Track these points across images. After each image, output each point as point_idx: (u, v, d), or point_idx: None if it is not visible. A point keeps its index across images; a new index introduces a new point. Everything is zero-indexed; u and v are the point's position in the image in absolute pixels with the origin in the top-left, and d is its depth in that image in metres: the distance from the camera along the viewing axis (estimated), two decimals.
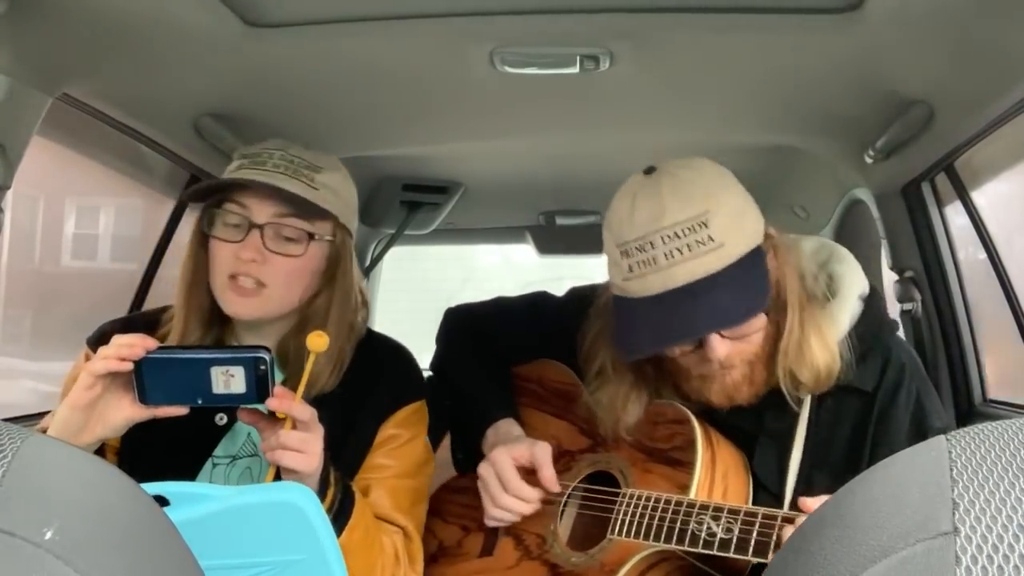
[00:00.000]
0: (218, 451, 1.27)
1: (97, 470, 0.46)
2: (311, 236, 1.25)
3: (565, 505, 1.33)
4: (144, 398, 1.07)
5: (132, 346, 1.06)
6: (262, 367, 1.07)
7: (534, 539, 1.33)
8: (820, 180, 2.07)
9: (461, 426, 1.47)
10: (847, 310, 1.23)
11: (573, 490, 1.33)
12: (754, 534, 1.06)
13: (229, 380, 1.07)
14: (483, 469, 1.32)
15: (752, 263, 1.14)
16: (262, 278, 1.22)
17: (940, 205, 1.79)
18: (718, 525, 1.09)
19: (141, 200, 2.44)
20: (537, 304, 1.51)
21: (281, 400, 1.09)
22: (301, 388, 1.12)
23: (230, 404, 1.11)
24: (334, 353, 1.26)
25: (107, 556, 0.41)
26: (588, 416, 1.35)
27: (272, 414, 1.12)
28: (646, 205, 1.15)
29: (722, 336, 1.14)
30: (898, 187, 1.79)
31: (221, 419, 1.27)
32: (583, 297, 1.38)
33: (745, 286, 1.13)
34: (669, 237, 1.12)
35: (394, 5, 1.22)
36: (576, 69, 1.33)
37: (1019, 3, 1.06)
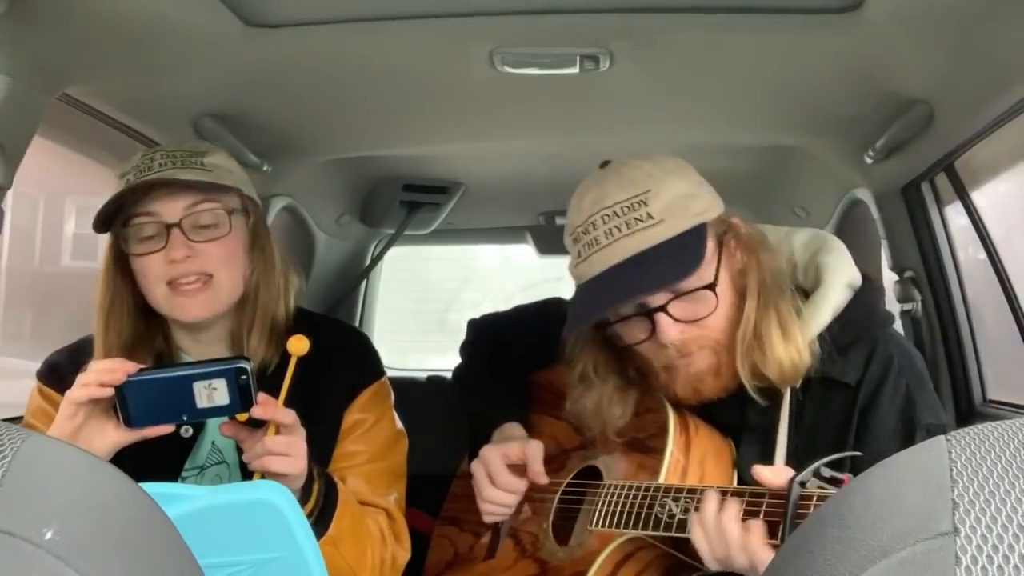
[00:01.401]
0: (186, 464, 1.26)
1: (97, 470, 0.46)
2: (231, 211, 1.25)
3: (560, 502, 1.34)
4: (129, 421, 1.07)
5: (113, 371, 1.05)
6: (243, 376, 1.07)
7: (529, 538, 1.35)
8: (820, 180, 2.07)
9: (474, 433, 1.48)
10: (829, 300, 1.21)
11: (567, 487, 1.34)
12: None
13: (212, 393, 1.07)
14: (473, 466, 1.33)
15: (691, 238, 1.14)
16: (204, 270, 1.22)
17: (940, 205, 1.79)
18: (677, 506, 1.09)
19: None
20: (548, 310, 1.51)
21: (265, 407, 1.09)
22: (283, 392, 1.12)
23: (214, 417, 1.12)
24: (266, 326, 1.26)
25: (107, 556, 0.41)
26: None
27: (252, 422, 1.12)
28: (592, 191, 1.18)
29: (673, 318, 1.14)
30: (898, 187, 1.79)
31: (187, 431, 1.26)
32: None
33: (678, 255, 1.13)
34: (609, 216, 1.14)
35: (394, 5, 1.22)
36: (576, 69, 1.34)
37: (1019, 4, 1.06)
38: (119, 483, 0.46)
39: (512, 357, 1.50)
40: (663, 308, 1.14)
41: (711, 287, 1.15)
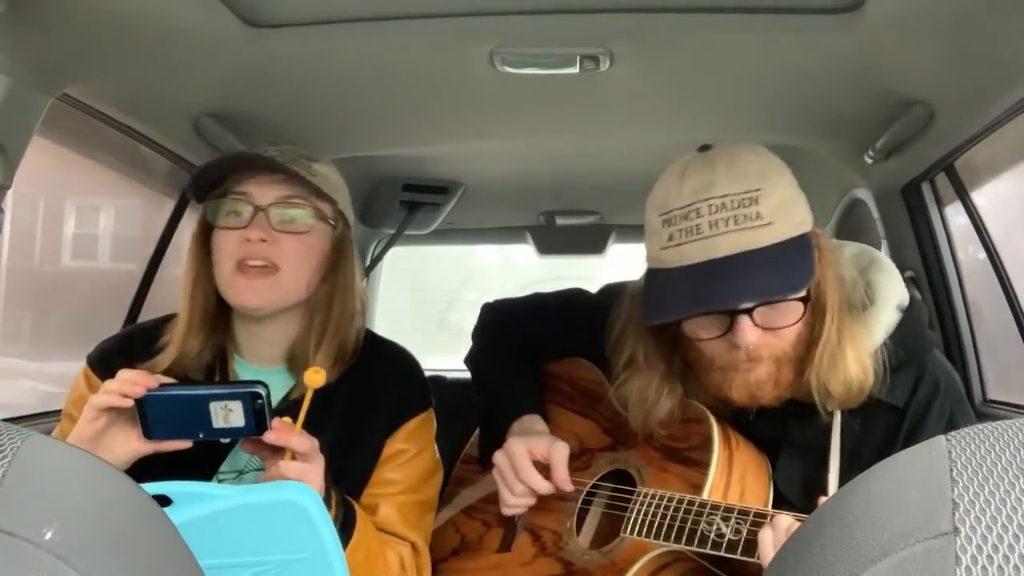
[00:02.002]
0: (223, 467, 1.26)
1: (97, 470, 0.46)
2: (320, 215, 1.25)
3: (582, 503, 1.33)
4: (148, 433, 1.10)
5: (134, 383, 1.08)
6: (259, 401, 1.09)
7: (550, 536, 1.33)
8: (820, 180, 2.07)
9: (489, 421, 1.46)
10: (883, 320, 1.19)
11: (591, 488, 1.33)
12: None
13: (228, 414, 1.09)
14: (498, 457, 1.31)
15: (800, 246, 1.11)
16: (273, 259, 1.21)
17: (940, 205, 1.79)
18: (727, 526, 1.07)
19: (141, 200, 2.44)
20: (571, 301, 1.49)
21: (279, 433, 1.10)
22: (300, 420, 1.13)
23: (230, 437, 1.14)
24: (334, 348, 1.26)
25: (107, 556, 0.41)
26: (611, 415, 1.33)
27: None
28: (697, 176, 1.12)
29: (753, 322, 1.11)
30: (898, 187, 1.79)
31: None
32: (615, 293, 1.34)
33: (788, 265, 1.09)
34: (717, 207, 1.09)
35: (394, 5, 1.22)
36: (576, 69, 1.33)
37: (1019, 4, 1.06)
38: (119, 483, 0.46)
39: (530, 345, 1.47)
40: (749, 311, 1.11)
41: (804, 300, 1.12)
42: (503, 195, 2.48)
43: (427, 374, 1.43)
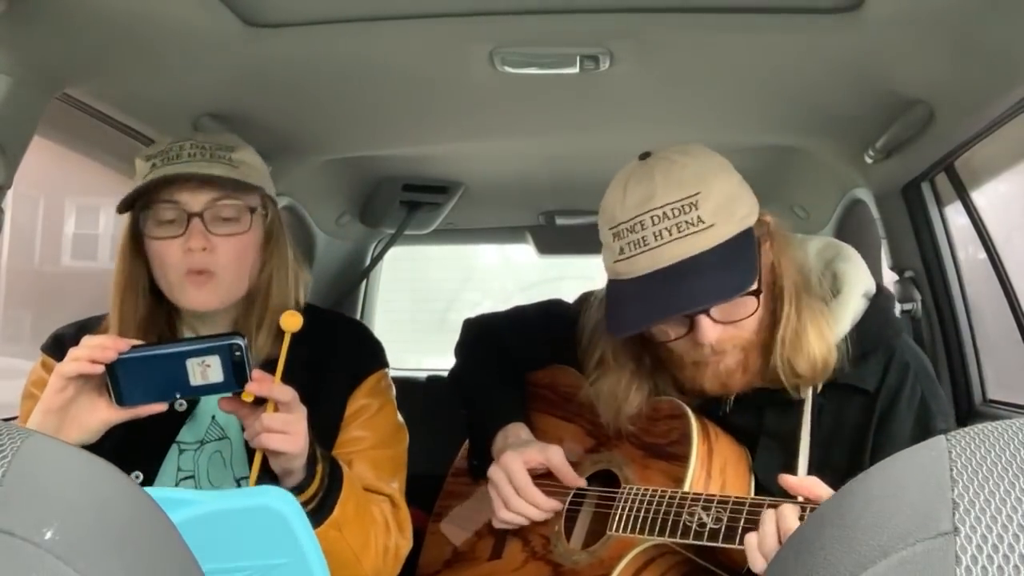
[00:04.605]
0: (184, 436, 1.26)
1: (97, 470, 0.46)
2: (252, 210, 1.26)
3: (570, 505, 1.33)
4: (120, 399, 1.05)
5: (104, 348, 1.04)
6: (237, 353, 1.06)
7: (539, 540, 1.34)
8: (820, 180, 2.07)
9: (476, 433, 1.48)
10: (850, 308, 1.22)
11: (577, 490, 1.33)
12: (742, 522, 1.06)
13: (206, 370, 1.06)
14: (494, 472, 1.32)
15: (741, 244, 1.14)
16: (214, 264, 1.22)
17: (940, 205, 1.79)
18: (708, 515, 1.09)
19: None
20: (549, 312, 1.52)
21: (260, 383, 1.08)
22: (279, 369, 1.12)
23: (209, 394, 1.10)
24: (275, 323, 1.25)
25: (107, 556, 0.41)
26: (594, 417, 1.35)
27: (252, 399, 1.11)
28: (638, 188, 1.16)
29: (713, 320, 1.14)
30: (898, 187, 1.79)
31: (181, 405, 1.26)
32: (591, 300, 1.39)
33: (732, 266, 1.13)
34: (659, 218, 1.13)
35: (394, 5, 1.22)
36: (576, 69, 1.34)
37: (1019, 3, 1.06)
38: (119, 483, 0.46)
39: (512, 357, 1.50)
40: (706, 311, 1.14)
41: (755, 293, 1.15)
42: (503, 195, 2.48)
43: (427, 374, 1.43)
